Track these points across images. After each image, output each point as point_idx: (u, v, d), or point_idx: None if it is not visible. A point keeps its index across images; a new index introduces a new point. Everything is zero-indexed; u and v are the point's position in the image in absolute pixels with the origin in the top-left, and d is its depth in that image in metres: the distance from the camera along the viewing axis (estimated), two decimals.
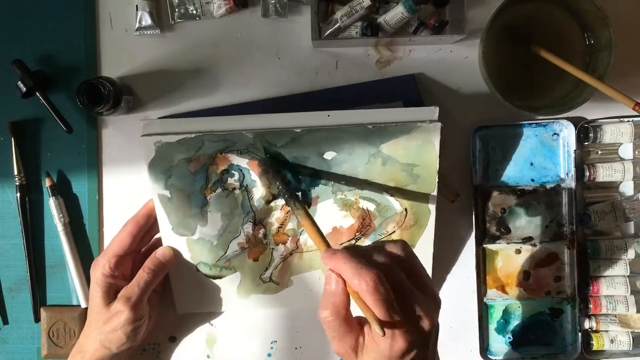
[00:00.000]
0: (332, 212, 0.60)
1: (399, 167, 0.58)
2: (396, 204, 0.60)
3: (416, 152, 0.57)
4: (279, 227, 0.60)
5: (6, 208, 0.63)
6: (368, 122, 0.56)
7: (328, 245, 0.47)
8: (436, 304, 0.45)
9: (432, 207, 0.60)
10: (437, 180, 0.58)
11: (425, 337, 0.43)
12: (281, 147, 0.57)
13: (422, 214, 0.60)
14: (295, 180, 0.59)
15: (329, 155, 0.57)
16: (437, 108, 0.56)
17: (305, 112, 0.56)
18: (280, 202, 0.59)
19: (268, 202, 0.59)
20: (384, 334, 0.40)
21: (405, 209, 0.60)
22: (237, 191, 0.58)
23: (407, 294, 0.43)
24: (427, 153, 0.57)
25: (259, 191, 0.59)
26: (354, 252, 0.43)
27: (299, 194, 0.59)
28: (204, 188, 0.58)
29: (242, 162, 0.58)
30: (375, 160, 0.58)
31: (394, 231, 0.61)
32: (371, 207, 0.60)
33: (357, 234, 0.61)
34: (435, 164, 0.58)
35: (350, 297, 0.43)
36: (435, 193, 0.59)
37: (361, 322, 0.45)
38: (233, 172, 0.58)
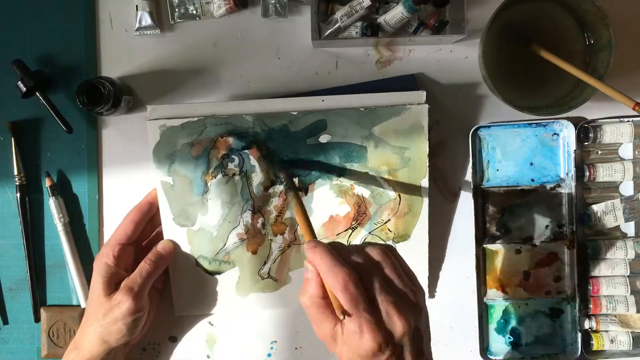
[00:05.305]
0: (328, 199, 0.61)
1: (391, 150, 0.60)
2: (390, 190, 0.61)
3: (406, 134, 0.60)
4: (277, 216, 0.61)
5: (6, 208, 0.63)
6: (360, 105, 0.59)
7: (314, 235, 0.48)
8: (416, 309, 0.44)
9: (424, 194, 0.61)
10: (427, 164, 0.60)
11: (398, 340, 0.42)
12: (278, 128, 0.59)
13: (415, 201, 0.61)
14: (292, 167, 0.60)
15: (324, 138, 0.59)
16: (424, 92, 0.59)
17: (301, 97, 0.60)
18: (279, 188, 0.60)
19: (266, 188, 0.60)
20: (344, 317, 0.42)
21: (399, 195, 0.61)
22: (236, 177, 0.60)
23: (381, 296, 0.43)
24: (416, 136, 0.60)
25: (257, 177, 0.60)
26: (333, 250, 0.44)
27: (296, 179, 0.60)
28: (205, 173, 0.59)
29: (241, 146, 0.59)
30: (368, 143, 0.60)
31: (389, 219, 0.61)
32: (366, 193, 0.61)
33: (353, 222, 0.61)
34: (425, 148, 0.60)
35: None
36: (427, 179, 0.60)
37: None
38: (233, 156, 0.59)
